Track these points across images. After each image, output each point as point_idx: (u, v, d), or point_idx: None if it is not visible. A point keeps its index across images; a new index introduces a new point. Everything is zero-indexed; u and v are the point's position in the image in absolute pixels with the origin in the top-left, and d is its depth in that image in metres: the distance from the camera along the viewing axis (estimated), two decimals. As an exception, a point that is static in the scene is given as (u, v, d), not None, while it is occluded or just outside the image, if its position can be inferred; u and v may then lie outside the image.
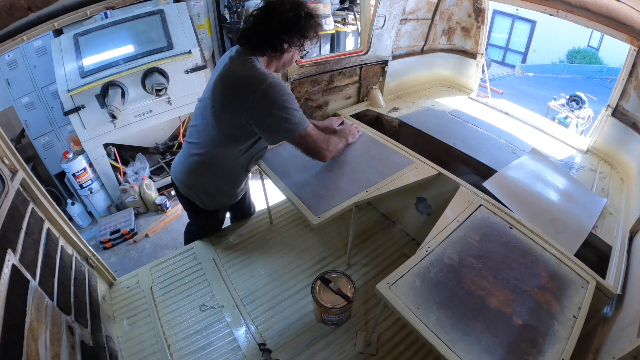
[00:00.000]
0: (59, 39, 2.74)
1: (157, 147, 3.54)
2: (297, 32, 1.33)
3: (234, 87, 1.33)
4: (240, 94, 1.31)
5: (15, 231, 1.18)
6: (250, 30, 1.35)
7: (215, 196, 1.67)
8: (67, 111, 2.69)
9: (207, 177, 1.57)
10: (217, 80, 1.37)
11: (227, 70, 1.37)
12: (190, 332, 1.58)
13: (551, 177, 1.80)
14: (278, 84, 1.30)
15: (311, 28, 1.35)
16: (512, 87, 9.79)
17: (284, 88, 1.32)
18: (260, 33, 1.33)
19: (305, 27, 1.33)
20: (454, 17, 2.72)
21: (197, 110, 1.51)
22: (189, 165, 1.56)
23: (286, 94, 1.31)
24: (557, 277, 1.24)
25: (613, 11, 1.62)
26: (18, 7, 1.07)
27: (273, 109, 1.30)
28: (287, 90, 1.33)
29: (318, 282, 1.55)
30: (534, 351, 1.01)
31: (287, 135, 1.38)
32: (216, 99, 1.37)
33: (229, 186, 1.67)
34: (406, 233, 2.07)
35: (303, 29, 1.33)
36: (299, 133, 1.37)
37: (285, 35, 1.32)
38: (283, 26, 1.31)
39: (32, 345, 0.99)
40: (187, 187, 1.63)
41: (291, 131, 1.36)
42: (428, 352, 1.48)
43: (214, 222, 1.95)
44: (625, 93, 1.91)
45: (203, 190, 1.62)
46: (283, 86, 1.33)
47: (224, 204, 1.80)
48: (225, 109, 1.36)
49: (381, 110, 2.47)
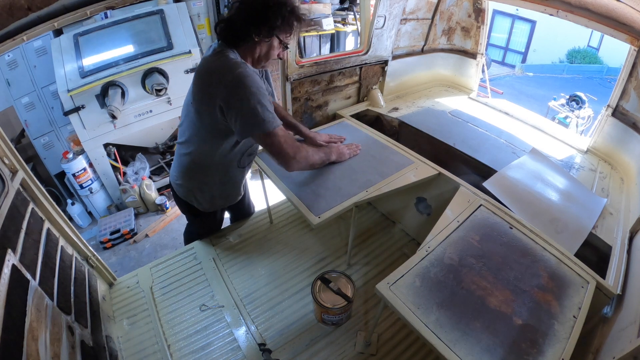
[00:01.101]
0: (59, 39, 2.74)
1: (157, 147, 3.54)
2: (264, 21, 1.25)
3: (207, 79, 1.30)
4: (212, 85, 1.27)
5: (15, 231, 1.18)
6: (223, 22, 1.32)
7: (214, 197, 1.65)
8: (67, 111, 2.69)
9: (203, 178, 1.56)
10: (194, 75, 1.36)
11: (201, 64, 1.36)
12: (190, 332, 1.58)
13: (551, 177, 1.80)
14: (249, 75, 1.24)
15: (280, 17, 1.25)
16: (512, 87, 9.79)
17: (256, 80, 1.25)
18: (231, 24, 1.29)
19: (272, 16, 1.24)
20: (454, 17, 2.72)
21: (183, 109, 1.49)
22: (182, 167, 1.55)
23: (257, 86, 1.25)
24: (557, 277, 1.24)
25: (613, 11, 1.62)
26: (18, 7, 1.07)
27: (242, 100, 1.24)
28: (258, 83, 1.27)
29: (318, 282, 1.55)
30: (534, 351, 1.01)
31: (252, 129, 1.29)
32: (194, 94, 1.35)
33: (225, 186, 1.65)
34: (406, 233, 2.07)
35: (270, 18, 1.24)
36: (265, 131, 1.28)
37: (252, 25, 1.26)
38: (250, 15, 1.26)
39: (32, 345, 0.99)
40: (184, 190, 1.62)
41: (257, 126, 1.27)
42: (428, 352, 1.48)
43: (213, 223, 1.94)
44: (625, 93, 1.91)
45: (201, 192, 1.61)
46: (254, 78, 1.26)
47: (223, 205, 1.79)
48: (203, 102, 1.33)
49: (381, 110, 2.47)
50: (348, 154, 1.76)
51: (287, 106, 2.14)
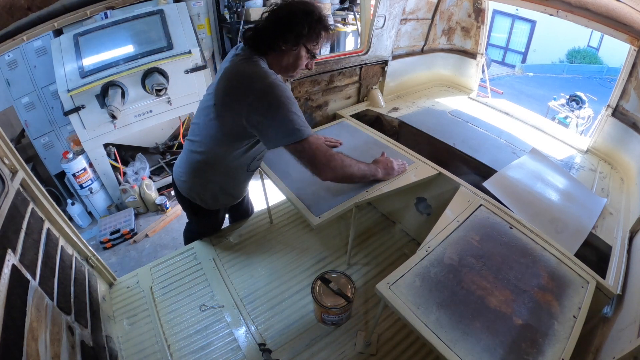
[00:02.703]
0: (59, 39, 2.74)
1: (157, 147, 3.54)
2: (291, 29, 1.26)
3: (235, 84, 1.29)
4: (240, 92, 1.26)
5: (15, 231, 1.18)
6: (253, 29, 1.33)
7: (218, 196, 1.66)
8: (67, 111, 2.69)
9: (209, 177, 1.56)
10: (221, 77, 1.34)
11: (230, 67, 1.34)
12: (190, 332, 1.58)
13: (551, 177, 1.80)
14: (279, 85, 1.24)
15: (307, 26, 1.26)
16: (512, 87, 9.79)
17: (286, 90, 1.26)
18: (261, 32, 1.30)
19: (299, 24, 1.26)
20: (454, 17, 2.72)
21: (200, 107, 1.47)
22: (191, 165, 1.54)
23: (287, 96, 1.24)
24: (557, 277, 1.24)
25: (613, 11, 1.62)
26: (18, 7, 1.07)
27: (272, 110, 1.23)
28: (288, 92, 1.27)
29: (318, 282, 1.55)
30: (534, 351, 1.01)
31: (284, 139, 1.27)
32: (218, 96, 1.32)
33: (230, 186, 1.66)
34: (406, 233, 2.07)
35: (297, 26, 1.26)
36: (297, 139, 1.25)
37: (279, 33, 1.27)
38: (277, 23, 1.27)
39: (32, 345, 0.99)
40: (188, 187, 1.61)
41: (289, 136, 1.25)
42: (428, 352, 1.48)
43: (213, 222, 1.94)
44: (625, 93, 1.91)
45: (205, 189, 1.60)
46: (285, 88, 1.25)
47: (226, 204, 1.79)
48: (227, 106, 1.32)
49: (381, 110, 2.47)
50: (397, 171, 1.61)
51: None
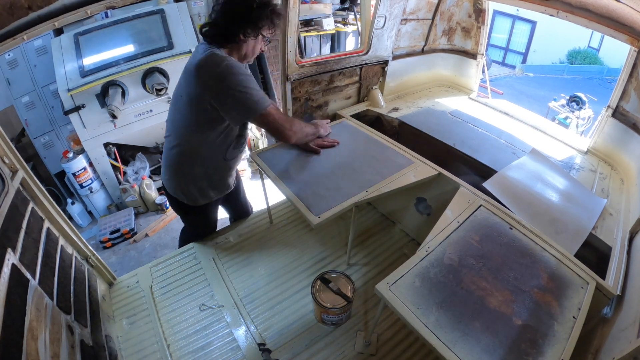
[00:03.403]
0: (59, 38, 2.75)
1: (157, 147, 3.54)
2: (249, 22, 1.37)
3: (195, 73, 1.38)
4: (201, 78, 1.37)
5: (15, 230, 1.18)
6: (208, 25, 1.42)
7: (201, 189, 1.66)
8: (67, 110, 2.69)
9: (188, 169, 1.60)
10: (184, 71, 1.46)
11: (190, 61, 1.45)
12: (189, 332, 1.58)
13: (551, 178, 1.80)
14: (234, 65, 1.36)
15: (264, 17, 1.38)
16: (513, 87, 9.79)
17: (241, 68, 1.40)
18: (217, 26, 1.39)
19: (257, 16, 1.36)
20: (454, 17, 2.72)
21: (171, 104, 1.58)
22: (170, 161, 1.61)
23: (243, 74, 1.38)
24: (557, 277, 1.24)
25: (613, 12, 1.62)
26: (18, 7, 1.07)
27: (232, 89, 1.35)
28: (244, 70, 1.40)
29: (318, 282, 1.55)
30: (534, 351, 1.01)
31: (248, 114, 1.42)
32: (182, 87, 1.45)
33: (211, 177, 1.67)
34: (406, 233, 2.07)
35: (256, 18, 1.37)
36: (259, 112, 1.41)
37: (237, 26, 1.37)
38: (235, 17, 1.36)
39: (32, 345, 0.99)
40: (173, 185, 1.66)
41: (252, 110, 1.40)
42: (428, 352, 1.48)
43: (205, 221, 1.93)
44: (626, 94, 1.91)
45: (187, 183, 1.64)
46: (240, 66, 1.40)
47: (210, 197, 1.74)
48: (192, 95, 1.42)
49: (381, 110, 2.47)
50: (325, 129, 1.85)
51: (287, 106, 2.14)
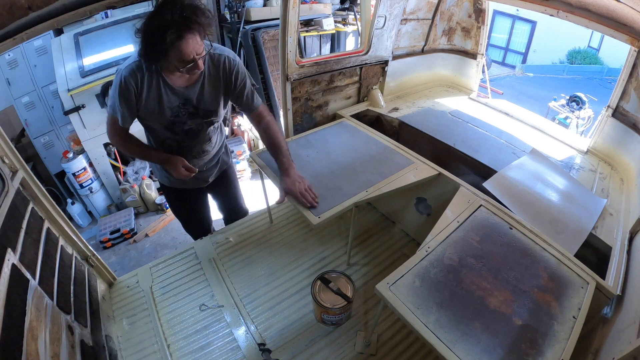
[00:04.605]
0: (60, 38, 2.75)
1: (157, 147, 3.53)
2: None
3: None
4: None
5: (15, 230, 1.18)
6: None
7: (161, 171, 1.71)
8: (67, 111, 2.69)
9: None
10: None
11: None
12: (189, 332, 1.58)
13: (551, 178, 1.80)
14: (116, 77, 1.46)
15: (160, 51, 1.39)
16: (513, 87, 9.79)
17: (116, 82, 1.45)
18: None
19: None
20: (454, 17, 2.73)
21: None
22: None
23: (114, 86, 1.46)
24: (557, 277, 1.24)
25: (613, 12, 1.62)
26: (18, 7, 1.07)
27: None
28: (117, 83, 1.44)
29: (318, 282, 1.55)
30: (534, 351, 1.01)
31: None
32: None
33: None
34: (406, 233, 2.07)
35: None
36: (107, 114, 1.58)
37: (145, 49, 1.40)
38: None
39: (32, 345, 0.99)
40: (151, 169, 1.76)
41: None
42: (428, 352, 1.48)
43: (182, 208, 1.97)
44: (626, 94, 1.91)
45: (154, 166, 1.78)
46: (116, 80, 1.46)
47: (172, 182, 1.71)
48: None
49: (381, 110, 2.47)
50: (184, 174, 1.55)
51: (287, 106, 2.14)
